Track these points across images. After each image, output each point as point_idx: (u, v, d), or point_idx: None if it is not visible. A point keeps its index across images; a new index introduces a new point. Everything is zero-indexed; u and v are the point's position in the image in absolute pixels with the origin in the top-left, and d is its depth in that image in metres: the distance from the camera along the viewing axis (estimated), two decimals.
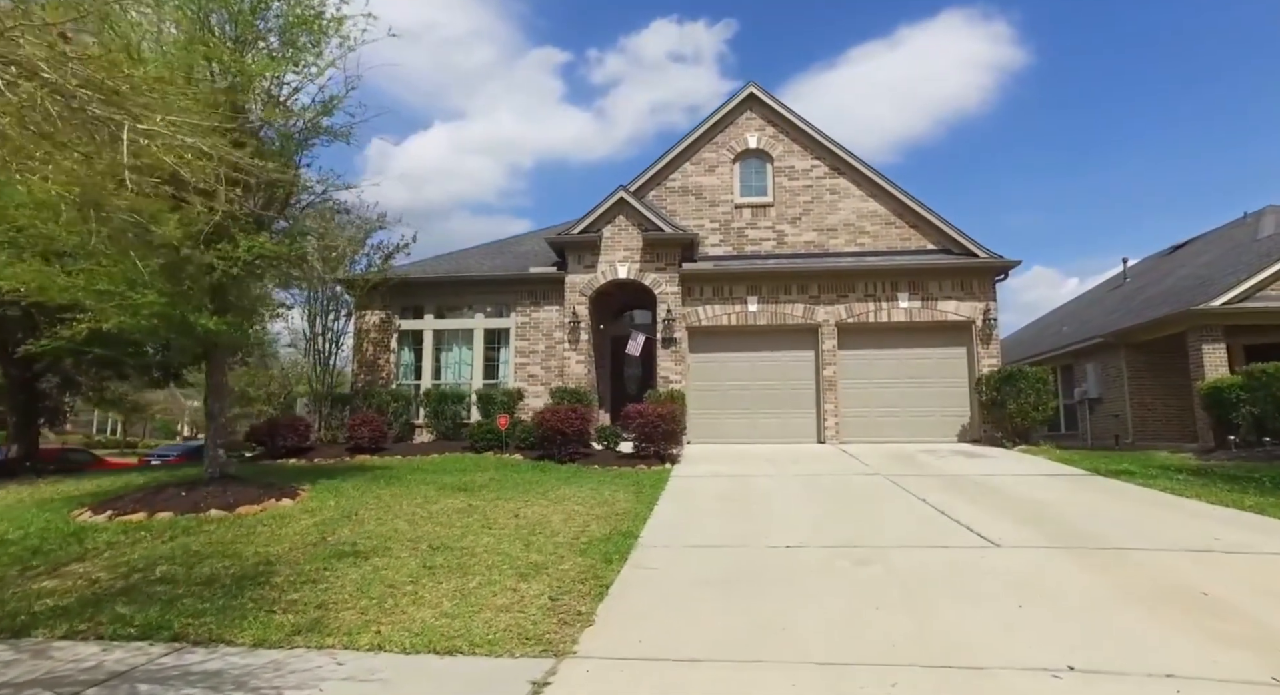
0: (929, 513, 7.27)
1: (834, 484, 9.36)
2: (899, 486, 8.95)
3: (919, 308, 14.66)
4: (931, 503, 7.71)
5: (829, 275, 14.86)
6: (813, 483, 9.48)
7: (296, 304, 13.80)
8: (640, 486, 9.28)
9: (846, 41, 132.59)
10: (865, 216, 15.46)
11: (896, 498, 8.22)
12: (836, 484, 9.37)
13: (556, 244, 15.49)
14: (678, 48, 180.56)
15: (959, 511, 7.21)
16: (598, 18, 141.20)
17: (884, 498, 8.27)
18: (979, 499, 7.97)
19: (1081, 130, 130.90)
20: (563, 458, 11.62)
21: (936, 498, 8.03)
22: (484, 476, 10.03)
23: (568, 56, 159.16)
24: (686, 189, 16.01)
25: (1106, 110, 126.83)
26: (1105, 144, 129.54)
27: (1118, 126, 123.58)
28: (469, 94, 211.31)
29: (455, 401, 14.81)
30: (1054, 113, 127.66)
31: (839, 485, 9.27)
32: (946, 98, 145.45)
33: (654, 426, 11.42)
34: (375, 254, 14.46)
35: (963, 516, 6.95)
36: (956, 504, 7.64)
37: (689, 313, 15.12)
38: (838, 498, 8.38)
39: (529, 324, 15.68)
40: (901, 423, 14.66)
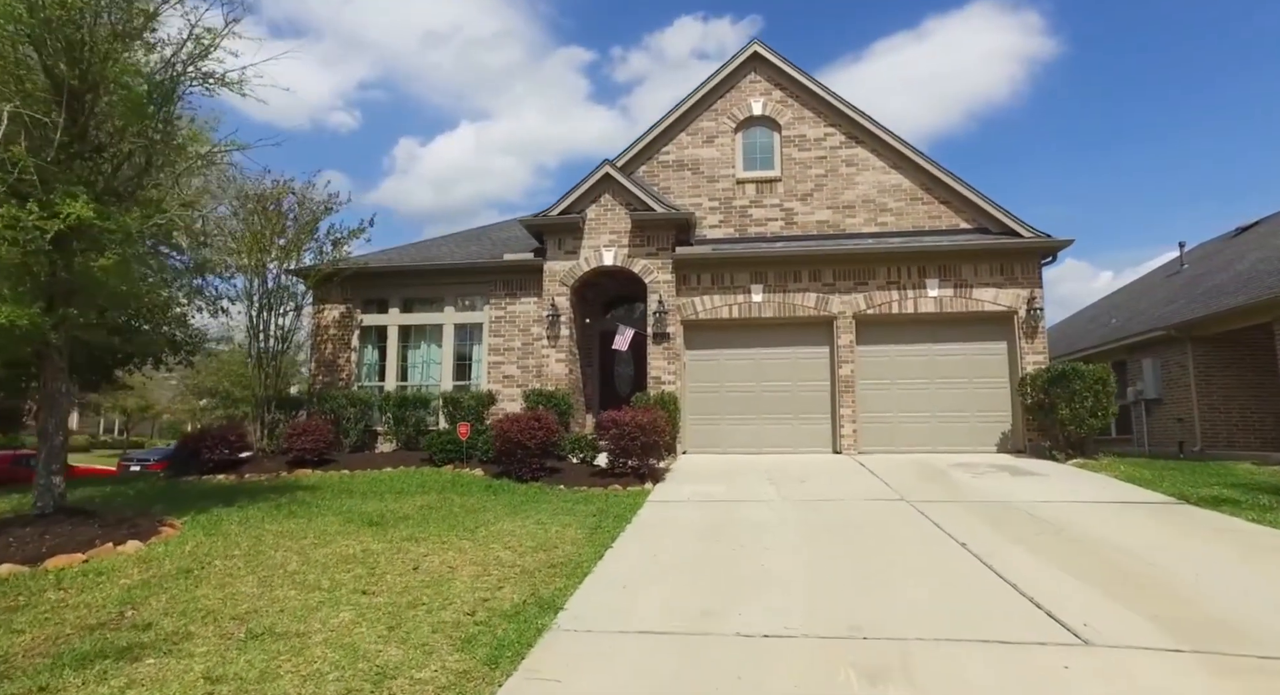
0: (973, 569, 5.31)
1: (845, 516, 7.42)
2: (929, 520, 6.98)
3: (951, 296, 12.60)
4: (975, 551, 5.74)
5: (846, 259, 12.85)
6: (818, 513, 7.54)
7: (231, 297, 12.09)
8: (603, 517, 7.44)
9: (873, 34, 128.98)
10: (888, 191, 13.40)
11: (926, 541, 6.26)
12: (848, 516, 7.43)
13: (534, 227, 13.67)
14: (701, 45, 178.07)
15: (1015, 567, 5.25)
16: (622, 16, 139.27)
17: (909, 540, 6.31)
18: (1039, 544, 5.98)
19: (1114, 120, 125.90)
20: (525, 475, 9.81)
21: (982, 541, 6.05)
22: (417, 502, 8.25)
23: (593, 55, 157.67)
24: (682, 163, 14.08)
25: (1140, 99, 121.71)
26: (1138, 134, 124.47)
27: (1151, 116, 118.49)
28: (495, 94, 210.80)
29: (420, 406, 13.09)
30: (1086, 103, 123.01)
31: (851, 518, 7.32)
32: (976, 90, 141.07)
33: (631, 438, 9.56)
34: (326, 240, 12.71)
35: (1022, 578, 4.99)
36: (1010, 553, 5.67)
37: (684, 304, 13.21)
38: (848, 540, 6.44)
39: (504, 318, 13.89)
40: (930, 430, 12.63)
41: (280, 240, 12.36)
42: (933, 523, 6.85)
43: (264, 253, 12.04)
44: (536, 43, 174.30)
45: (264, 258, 12.18)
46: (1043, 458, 11.44)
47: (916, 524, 6.87)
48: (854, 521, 7.09)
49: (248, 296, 11.99)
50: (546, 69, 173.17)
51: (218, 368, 24.96)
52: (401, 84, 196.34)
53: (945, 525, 6.70)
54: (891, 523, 6.97)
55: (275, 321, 12.66)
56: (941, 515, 7.16)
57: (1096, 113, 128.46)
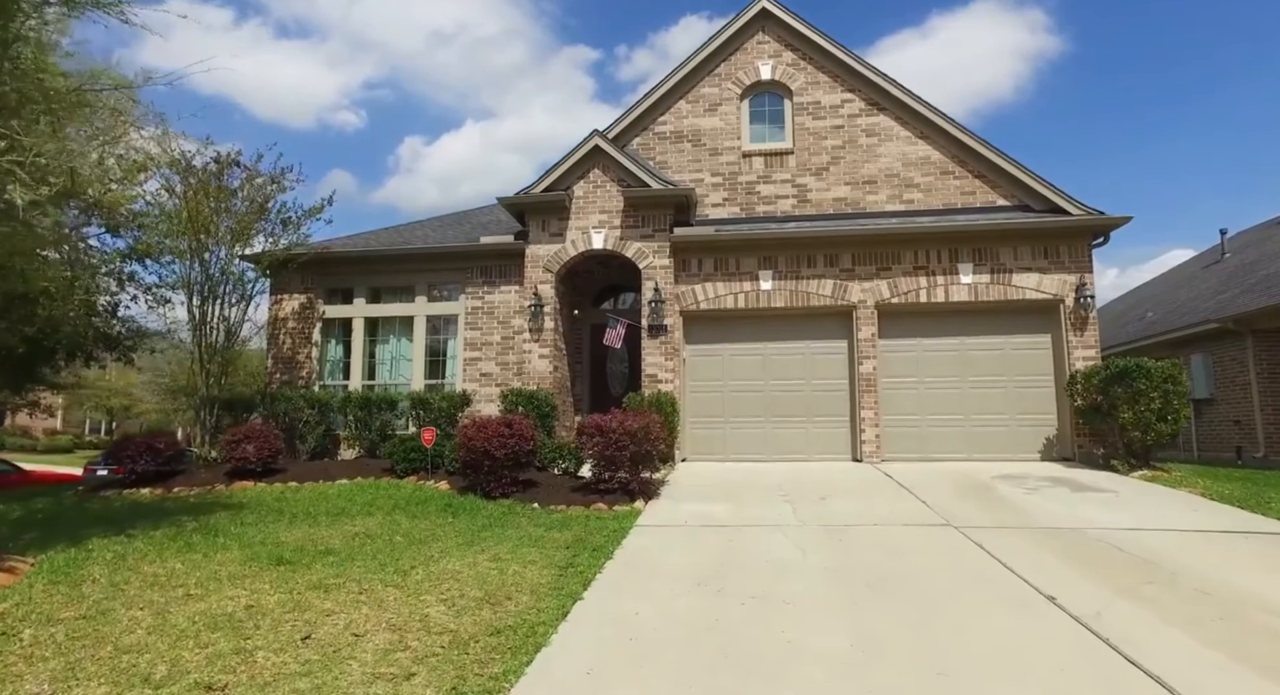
0: (1083, 646, 3.79)
1: (884, 551, 5.89)
2: (994, 559, 5.46)
3: (987, 283, 11.05)
4: (1074, 612, 4.22)
5: (866, 241, 11.32)
6: (849, 546, 6.02)
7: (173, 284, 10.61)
8: (578, 551, 5.94)
9: (878, 31, 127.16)
10: (914, 164, 11.85)
11: (1000, 592, 4.74)
12: (887, 550, 5.90)
13: (514, 206, 12.17)
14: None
15: (1140, 640, 3.73)
16: (627, 15, 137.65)
17: (978, 591, 4.79)
18: (1157, 600, 4.45)
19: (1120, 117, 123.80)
20: (494, 490, 8.31)
21: (1076, 594, 4.53)
22: (354, 528, 6.76)
23: (598, 54, 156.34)
24: (680, 134, 12.55)
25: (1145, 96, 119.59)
26: (1146, 131, 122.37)
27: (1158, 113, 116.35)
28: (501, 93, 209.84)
29: (386, 408, 11.58)
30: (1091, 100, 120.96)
31: (892, 553, 5.80)
32: (980, 87, 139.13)
33: (619, 447, 8.05)
34: (275, 220, 11.20)
35: (1162, 664, 3.46)
36: (1122, 615, 4.15)
37: (683, 292, 11.70)
38: (898, 592, 4.91)
39: (482, 309, 12.39)
40: (963, 435, 11.10)
41: (225, 220, 10.85)
42: (998, 562, 5.32)
43: (205, 234, 10.53)
44: (542, 42, 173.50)
45: (206, 240, 10.67)
46: (1096, 467, 9.90)
47: (978, 564, 5.34)
48: (898, 560, 5.56)
49: (186, 284, 10.50)
50: (552, 68, 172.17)
51: (191, 365, 23.51)
52: (407, 83, 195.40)
53: (1016, 566, 5.17)
54: (946, 562, 5.44)
55: (220, 312, 11.17)
56: (1005, 549, 5.64)
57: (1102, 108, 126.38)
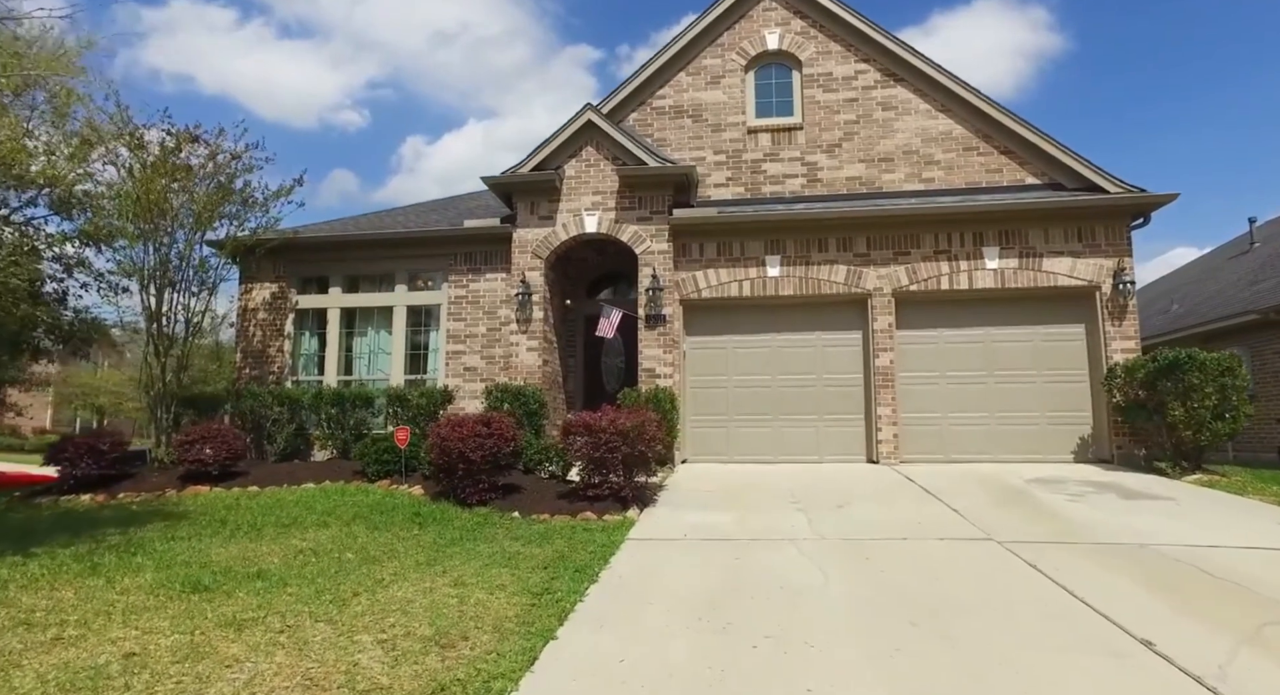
0: None
1: (919, 573, 4.96)
2: (1054, 583, 4.53)
3: (1015, 268, 10.12)
4: (1176, 659, 3.30)
5: (883, 223, 10.39)
6: (877, 566, 5.10)
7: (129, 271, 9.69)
8: (557, 572, 5.03)
9: None
10: (935, 140, 10.90)
11: (1069, 625, 3.82)
12: (922, 570, 4.98)
13: (501, 187, 11.25)
14: None
15: None
16: (630, 15, 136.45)
17: (1038, 623, 3.86)
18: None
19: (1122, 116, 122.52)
20: (470, 497, 7.40)
21: (1176, 635, 3.61)
22: (301, 543, 5.86)
23: (600, 53, 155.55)
24: (680, 109, 11.61)
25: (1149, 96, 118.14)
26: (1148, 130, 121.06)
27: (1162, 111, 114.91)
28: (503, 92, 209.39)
29: (362, 405, 10.68)
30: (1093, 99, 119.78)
31: (928, 574, 4.88)
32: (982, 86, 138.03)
33: (609, 448, 7.13)
34: (237, 200, 10.27)
35: None
36: (1258, 672, 3.22)
37: (683, 279, 10.78)
38: (944, 631, 3.98)
39: (466, 298, 11.47)
40: (989, 434, 10.17)
41: (184, 201, 9.94)
42: (1062, 589, 4.39)
43: (161, 216, 9.62)
44: (544, 41, 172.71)
45: (163, 222, 9.76)
46: (1139, 470, 8.97)
47: (1039, 592, 4.40)
48: (939, 586, 4.63)
49: (139, 272, 9.58)
50: (554, 67, 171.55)
51: (146, 358, 22.45)
52: (410, 83, 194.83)
53: (1087, 594, 4.24)
54: (999, 589, 4.51)
55: (181, 302, 10.27)
56: (1066, 571, 4.71)
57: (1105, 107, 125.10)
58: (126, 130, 9.20)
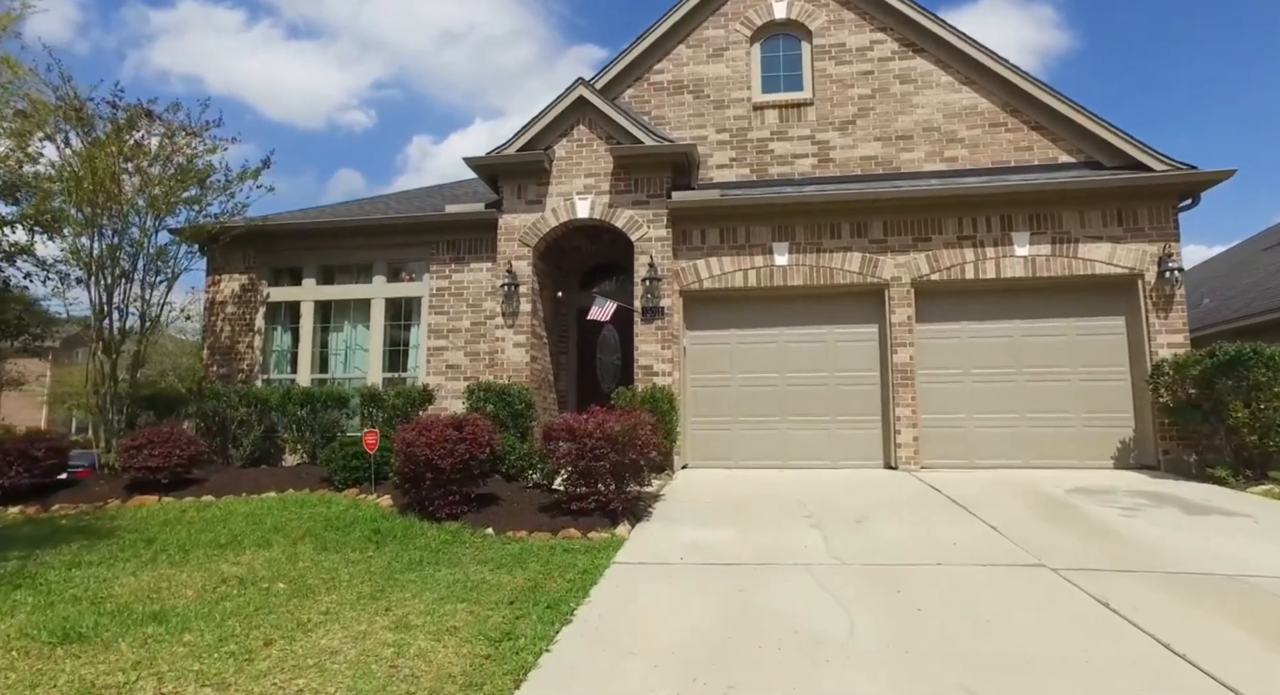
0: None
1: (961, 608, 4.08)
2: (1132, 625, 3.64)
3: (1047, 254, 9.20)
4: None
5: (901, 206, 9.49)
6: (909, 599, 4.21)
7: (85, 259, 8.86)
8: (526, 608, 4.17)
9: None
10: (958, 115, 9.98)
11: None
12: (967, 607, 4.09)
13: (486, 169, 10.38)
14: None
15: None
16: (636, 14, 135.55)
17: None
18: None
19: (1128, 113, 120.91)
20: (440, 510, 6.53)
21: None
22: (232, 568, 5.01)
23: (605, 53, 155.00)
24: (680, 84, 10.72)
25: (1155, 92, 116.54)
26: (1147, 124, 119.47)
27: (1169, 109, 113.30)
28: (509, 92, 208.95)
29: (334, 406, 9.86)
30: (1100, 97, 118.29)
31: (975, 614, 3.99)
32: None
33: (596, 456, 6.26)
34: (193, 181, 9.40)
35: None
36: None
37: (684, 268, 9.90)
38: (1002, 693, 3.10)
39: (449, 290, 10.61)
40: (1018, 437, 9.27)
41: (137, 183, 9.11)
42: (1149, 637, 3.50)
43: (111, 200, 8.78)
44: (550, 41, 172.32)
45: (115, 207, 8.92)
46: (1190, 477, 8.05)
47: (1120, 640, 3.51)
48: (993, 632, 3.74)
49: (81, 260, 8.75)
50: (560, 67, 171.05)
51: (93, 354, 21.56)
52: (416, 83, 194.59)
53: (1184, 646, 3.35)
54: (1071, 637, 3.60)
55: (137, 293, 9.45)
56: (1146, 611, 3.82)
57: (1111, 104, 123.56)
58: (68, 103, 8.37)
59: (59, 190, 8.69)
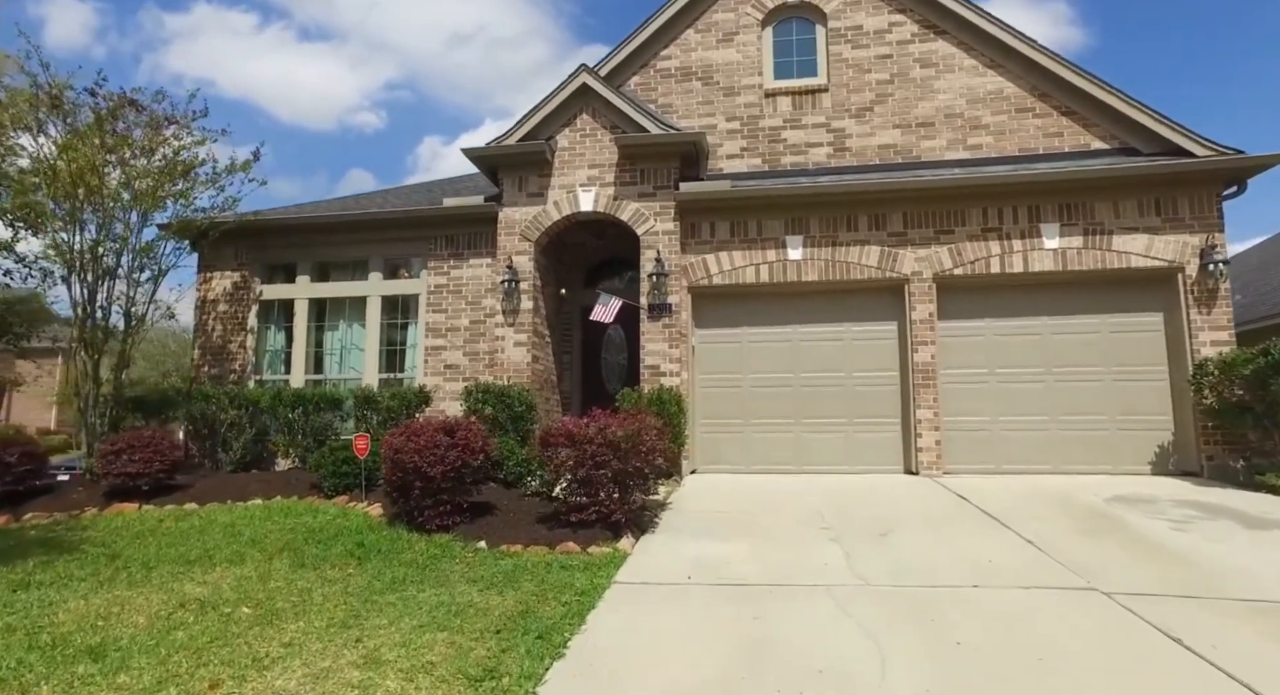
0: None
1: (1011, 644, 3.58)
2: (1226, 675, 3.14)
3: (1079, 247, 8.65)
4: None
5: (922, 197, 8.97)
6: (947, 631, 3.71)
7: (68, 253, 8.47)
8: (514, 638, 3.71)
9: None
10: (983, 100, 9.44)
11: None
12: (1017, 643, 3.59)
13: (485, 160, 9.94)
14: None
15: None
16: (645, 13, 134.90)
17: None
18: None
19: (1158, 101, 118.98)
20: (429, 521, 6.07)
21: None
22: (196, 588, 4.57)
23: None
24: (688, 70, 10.23)
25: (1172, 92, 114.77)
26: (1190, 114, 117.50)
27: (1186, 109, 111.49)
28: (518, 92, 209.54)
29: (327, 408, 9.44)
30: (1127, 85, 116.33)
31: (1027, 650, 3.49)
32: None
33: (597, 463, 5.79)
34: (178, 173, 8.99)
35: None
36: None
37: (692, 264, 9.41)
38: None
39: (447, 287, 10.18)
40: (1047, 441, 8.73)
41: (120, 176, 8.73)
42: (1244, 688, 2.99)
43: (91, 193, 8.39)
44: (561, 41, 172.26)
45: (96, 200, 8.54)
46: (1237, 484, 7.49)
47: (1206, 688, 3.00)
48: (1044, 670, 3.24)
49: (62, 256, 8.36)
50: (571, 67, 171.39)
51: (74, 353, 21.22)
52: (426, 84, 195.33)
53: None
54: (1141, 681, 3.10)
55: (124, 291, 9.06)
56: (1228, 650, 3.31)
57: None
58: (47, 92, 7.98)
59: (38, 183, 8.31)
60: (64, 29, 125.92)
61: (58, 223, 8.14)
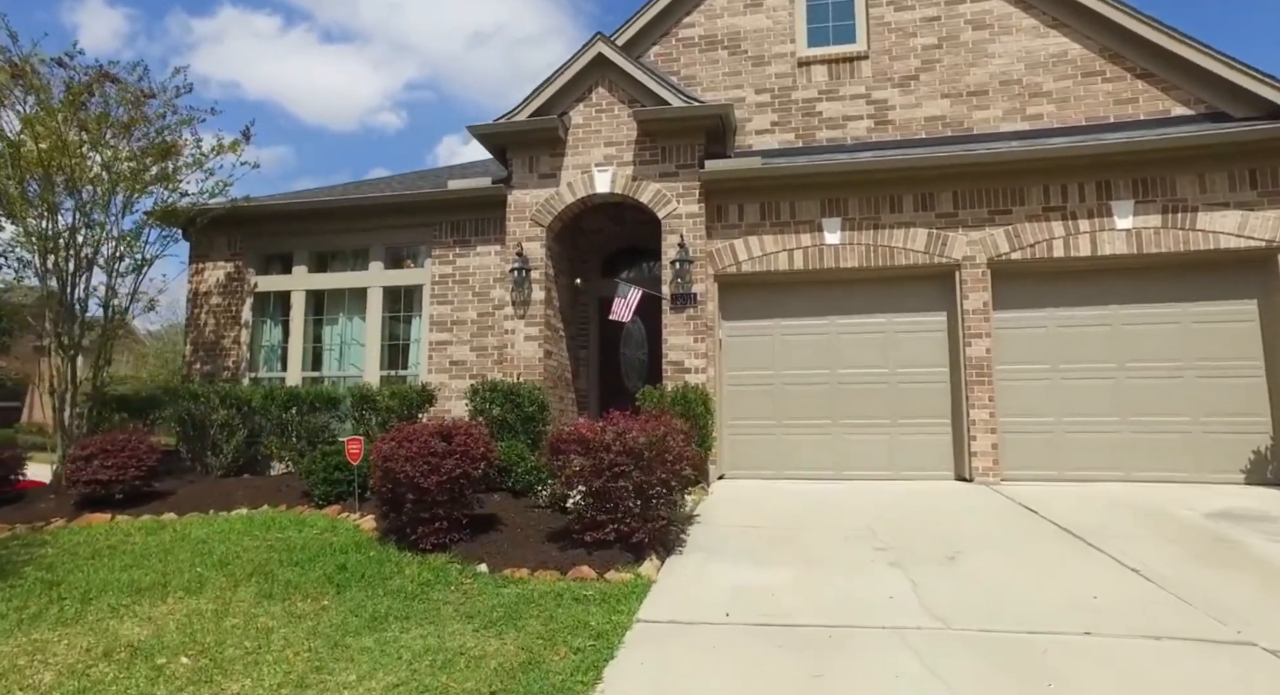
0: None
1: None
2: None
3: (1157, 226, 7.67)
4: None
5: (975, 173, 8.04)
6: (1058, 691, 2.85)
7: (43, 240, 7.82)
8: None
9: None
10: (1043, 65, 8.47)
11: None
12: None
13: (493, 138, 9.14)
14: None
15: None
16: None
17: None
18: None
19: None
20: (424, 539, 5.28)
21: None
22: (134, 628, 3.84)
23: None
24: (713, 39, 9.36)
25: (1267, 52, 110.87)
26: None
27: None
28: None
29: (323, 407, 8.72)
30: None
31: None
32: None
33: (616, 474, 4.97)
34: (155, 152, 8.28)
35: None
36: None
37: (719, 249, 8.56)
38: None
39: (452, 277, 9.42)
40: (1118, 444, 7.78)
41: (98, 157, 8.05)
42: None
43: (65, 174, 7.72)
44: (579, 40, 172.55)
45: (68, 183, 7.87)
46: None
47: None
48: None
49: (32, 243, 7.69)
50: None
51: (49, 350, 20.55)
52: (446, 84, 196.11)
53: None
54: None
55: (98, 282, 8.40)
56: None
57: None
58: (12, 63, 7.31)
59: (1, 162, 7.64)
60: (96, 35, 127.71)
61: (19, 206, 7.45)
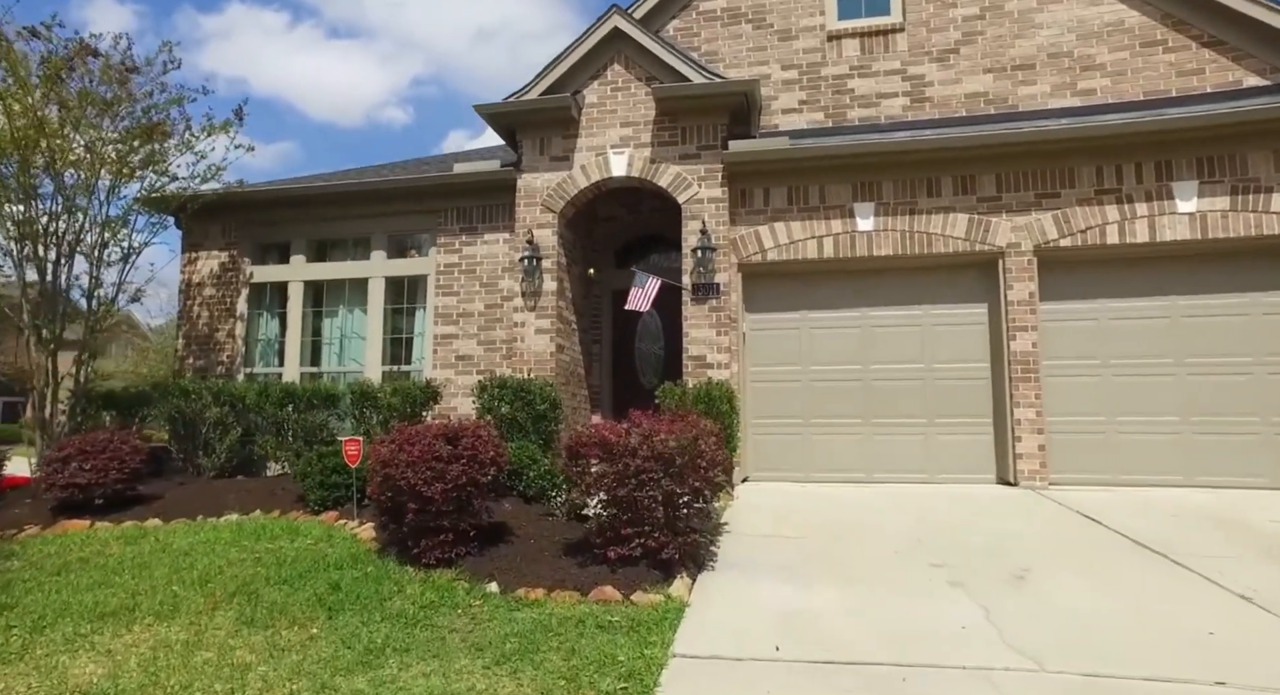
0: None
1: None
2: None
3: (1224, 209, 7.06)
4: None
5: (1021, 153, 7.43)
6: None
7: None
8: None
9: None
10: (1097, 35, 7.86)
11: None
12: None
13: (502, 118, 8.58)
14: None
15: None
16: None
17: None
18: None
19: None
20: (428, 554, 4.74)
21: None
22: (91, 666, 3.33)
23: None
24: (736, 11, 8.77)
25: None
26: None
27: None
28: None
29: (321, 405, 8.19)
30: None
31: None
32: None
33: (643, 482, 4.42)
34: (139, 131, 7.75)
35: None
36: None
37: (743, 236, 7.99)
38: None
39: (458, 266, 8.88)
40: (1179, 446, 7.18)
41: (82, 138, 7.53)
42: None
43: (45, 157, 7.20)
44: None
45: (55, 166, 7.36)
46: None
47: None
48: None
49: (7, 228, 7.19)
50: None
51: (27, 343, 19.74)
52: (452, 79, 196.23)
53: None
54: None
55: (81, 271, 7.90)
56: None
57: None
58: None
59: None
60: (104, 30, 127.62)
61: (4, 192, 6.94)
